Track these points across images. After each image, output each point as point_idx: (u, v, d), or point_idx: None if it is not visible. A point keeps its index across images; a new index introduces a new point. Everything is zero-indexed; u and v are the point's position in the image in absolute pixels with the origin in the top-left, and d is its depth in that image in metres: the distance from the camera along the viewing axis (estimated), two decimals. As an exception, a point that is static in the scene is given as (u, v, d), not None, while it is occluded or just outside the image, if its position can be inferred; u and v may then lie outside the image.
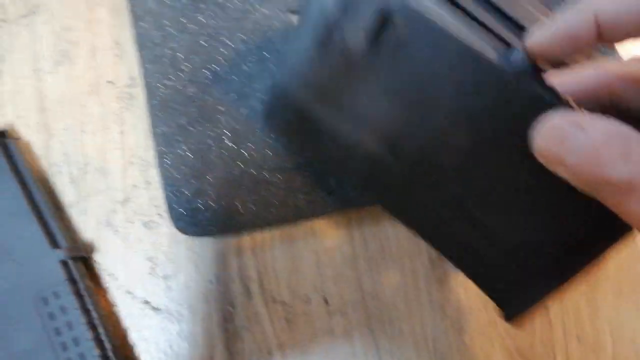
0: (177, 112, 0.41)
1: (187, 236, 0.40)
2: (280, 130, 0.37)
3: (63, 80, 0.45)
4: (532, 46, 0.28)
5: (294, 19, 0.43)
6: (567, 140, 0.25)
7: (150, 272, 0.43)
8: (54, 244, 0.40)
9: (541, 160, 0.26)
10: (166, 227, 0.43)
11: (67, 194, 0.43)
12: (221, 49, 0.42)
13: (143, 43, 0.42)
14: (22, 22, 0.45)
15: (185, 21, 0.42)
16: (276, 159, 0.41)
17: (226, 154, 0.40)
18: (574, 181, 0.25)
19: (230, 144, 0.40)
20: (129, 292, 0.42)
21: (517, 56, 0.27)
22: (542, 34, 0.28)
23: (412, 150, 0.31)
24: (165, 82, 0.41)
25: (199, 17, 0.42)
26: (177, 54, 0.41)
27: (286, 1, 0.44)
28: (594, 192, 0.24)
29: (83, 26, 0.45)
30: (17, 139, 0.43)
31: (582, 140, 0.24)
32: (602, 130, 0.24)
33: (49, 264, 0.40)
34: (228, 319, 0.42)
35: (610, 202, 0.24)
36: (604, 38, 0.26)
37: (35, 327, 0.39)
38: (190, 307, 0.42)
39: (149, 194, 0.43)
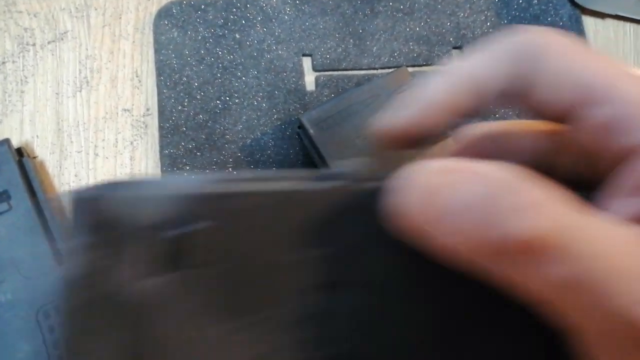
0: (186, 137, 0.46)
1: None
2: None
3: (82, 105, 0.49)
4: (394, 129, 0.24)
5: (307, 62, 0.48)
6: (444, 196, 0.19)
7: (148, 293, 0.46)
8: (60, 260, 0.43)
9: (407, 234, 0.20)
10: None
11: (75, 213, 0.47)
12: (234, 82, 0.47)
13: (162, 69, 0.47)
14: (48, 47, 0.50)
15: (203, 53, 0.47)
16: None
17: (228, 180, 0.45)
18: (458, 256, 0.20)
19: (232, 172, 0.45)
20: (127, 311, 0.45)
21: (341, 168, 0.23)
22: (401, 114, 0.24)
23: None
24: (179, 107, 0.46)
25: (217, 50, 0.47)
26: (193, 82, 0.46)
27: (300, 46, 0.49)
28: (486, 270, 0.20)
29: (106, 56, 0.50)
30: (34, 157, 0.48)
31: (465, 191, 0.19)
32: (494, 175, 0.19)
33: (53, 279, 0.43)
34: None
35: (514, 279, 0.19)
36: (479, 104, 0.23)
37: (36, 339, 0.42)
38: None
39: (154, 218, 0.47)
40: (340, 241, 0.22)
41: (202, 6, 0.49)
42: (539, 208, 0.18)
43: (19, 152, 0.46)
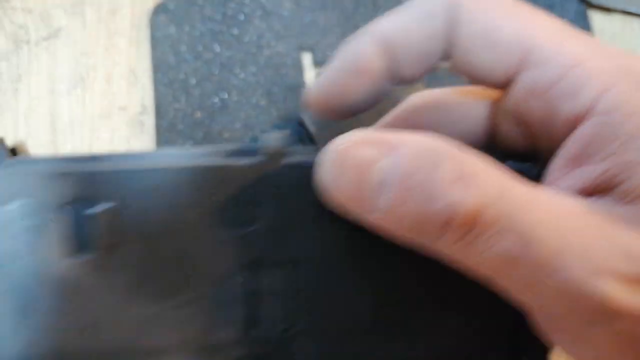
0: (184, 135, 0.45)
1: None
2: None
3: (77, 103, 0.48)
4: (310, 101, 0.24)
5: (308, 58, 0.48)
6: (373, 169, 0.18)
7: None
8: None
9: (338, 209, 0.20)
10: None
11: (70, 213, 0.46)
12: (232, 79, 0.46)
13: (158, 66, 0.47)
14: (42, 44, 0.49)
15: (201, 49, 0.47)
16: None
17: (226, 180, 0.44)
18: (391, 233, 0.19)
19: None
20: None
21: (264, 142, 0.22)
22: (319, 82, 0.23)
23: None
24: (176, 105, 0.45)
25: (214, 47, 0.47)
26: (190, 79, 0.46)
27: (300, 41, 0.48)
28: (421, 245, 0.19)
29: (102, 53, 0.49)
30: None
31: (394, 165, 0.18)
32: (421, 148, 0.18)
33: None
34: None
35: (449, 255, 0.19)
36: (393, 65, 0.22)
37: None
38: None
39: (150, 219, 0.46)
40: (265, 218, 0.21)
41: (199, 1, 0.48)
42: (473, 179, 0.17)
43: (13, 151, 0.45)
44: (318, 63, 0.48)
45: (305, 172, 0.21)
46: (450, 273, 0.20)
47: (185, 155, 0.22)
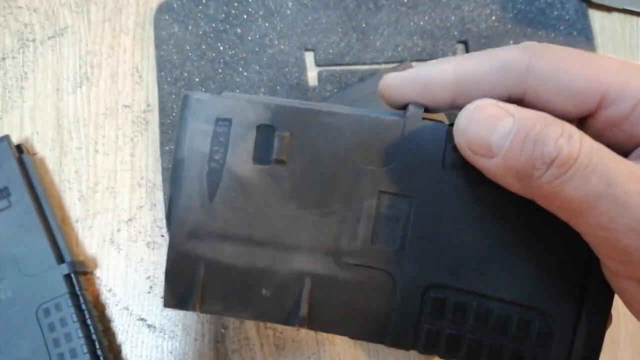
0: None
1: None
2: (195, 302, 0.29)
3: (82, 101, 0.49)
4: (383, 86, 0.29)
5: (310, 57, 0.48)
6: (499, 123, 0.24)
7: (148, 291, 0.46)
8: (60, 258, 0.44)
9: (465, 152, 0.26)
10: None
11: (75, 210, 0.47)
12: (236, 78, 0.47)
13: (163, 64, 0.47)
14: (48, 43, 0.50)
15: (205, 48, 0.48)
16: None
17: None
18: (504, 176, 0.25)
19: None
20: (126, 309, 0.46)
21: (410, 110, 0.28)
22: (396, 76, 0.28)
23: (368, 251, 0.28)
24: (180, 103, 0.46)
25: (218, 45, 0.48)
26: (194, 78, 0.47)
27: (302, 40, 0.49)
28: (527, 184, 0.24)
29: (106, 52, 0.50)
30: (33, 154, 0.48)
31: (512, 124, 0.24)
32: (535, 114, 0.24)
33: (53, 277, 0.43)
34: (220, 340, 0.45)
35: (549, 190, 0.23)
36: (458, 97, 0.27)
37: (36, 337, 0.42)
38: (184, 327, 0.46)
39: (154, 215, 0.47)
40: (399, 161, 0.28)
41: (203, 0, 0.49)
42: (574, 136, 0.23)
43: (19, 148, 0.47)
44: (320, 62, 0.49)
45: (439, 131, 0.28)
46: (538, 226, 0.27)
47: (350, 108, 0.28)
